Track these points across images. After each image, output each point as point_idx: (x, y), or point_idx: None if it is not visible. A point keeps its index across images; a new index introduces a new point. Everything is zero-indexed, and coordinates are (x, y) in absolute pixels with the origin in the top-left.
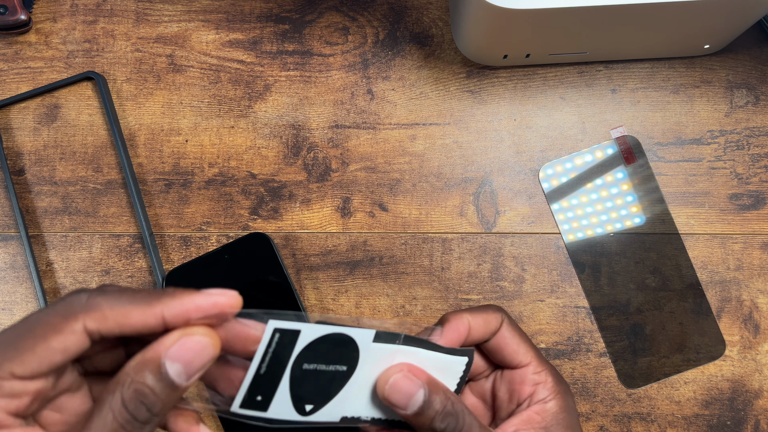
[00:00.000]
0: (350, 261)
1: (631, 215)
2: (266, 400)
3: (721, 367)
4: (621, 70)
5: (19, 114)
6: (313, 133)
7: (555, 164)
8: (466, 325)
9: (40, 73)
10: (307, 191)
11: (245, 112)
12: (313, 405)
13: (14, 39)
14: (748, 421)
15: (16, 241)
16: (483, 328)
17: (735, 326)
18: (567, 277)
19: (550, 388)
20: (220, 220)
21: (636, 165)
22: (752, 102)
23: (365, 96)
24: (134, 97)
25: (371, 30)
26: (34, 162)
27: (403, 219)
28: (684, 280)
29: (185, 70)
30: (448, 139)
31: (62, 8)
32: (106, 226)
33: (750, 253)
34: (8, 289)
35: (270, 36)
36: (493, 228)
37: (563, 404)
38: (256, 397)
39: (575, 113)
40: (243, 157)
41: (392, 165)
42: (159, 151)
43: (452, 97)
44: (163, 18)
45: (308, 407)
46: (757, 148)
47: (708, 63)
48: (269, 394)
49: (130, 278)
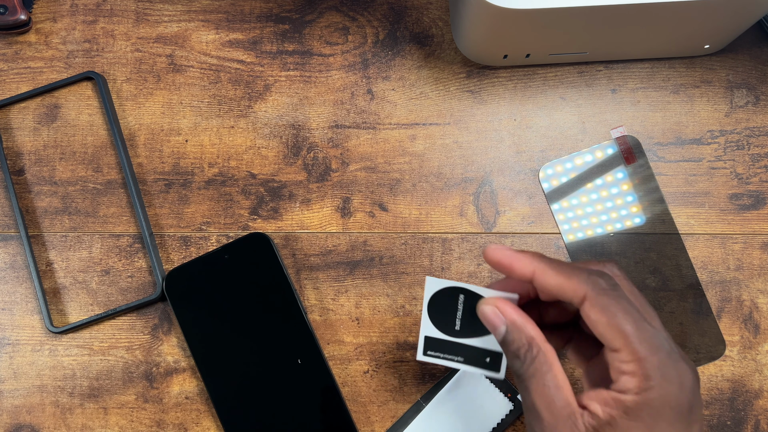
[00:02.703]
0: (350, 261)
1: (631, 215)
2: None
3: (721, 367)
4: (621, 70)
5: (19, 114)
6: (313, 133)
7: (555, 164)
8: (522, 290)
9: (40, 73)
10: (307, 191)
11: (245, 112)
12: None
13: (14, 39)
14: (748, 421)
15: (16, 241)
16: (554, 305)
17: (735, 326)
18: None
19: (637, 383)
20: (220, 220)
21: (636, 165)
22: (752, 102)
23: (365, 96)
24: (134, 97)
25: (371, 30)
26: (34, 162)
27: (403, 219)
28: (684, 280)
29: (185, 70)
30: (448, 139)
31: (62, 8)
32: (106, 226)
33: (750, 253)
34: (8, 289)
35: (270, 36)
36: (493, 228)
37: (651, 399)
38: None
39: (575, 113)
40: (243, 157)
41: (392, 165)
42: (159, 151)
43: (452, 97)
44: (163, 18)
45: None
46: (757, 148)
47: (708, 63)
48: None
49: (130, 278)
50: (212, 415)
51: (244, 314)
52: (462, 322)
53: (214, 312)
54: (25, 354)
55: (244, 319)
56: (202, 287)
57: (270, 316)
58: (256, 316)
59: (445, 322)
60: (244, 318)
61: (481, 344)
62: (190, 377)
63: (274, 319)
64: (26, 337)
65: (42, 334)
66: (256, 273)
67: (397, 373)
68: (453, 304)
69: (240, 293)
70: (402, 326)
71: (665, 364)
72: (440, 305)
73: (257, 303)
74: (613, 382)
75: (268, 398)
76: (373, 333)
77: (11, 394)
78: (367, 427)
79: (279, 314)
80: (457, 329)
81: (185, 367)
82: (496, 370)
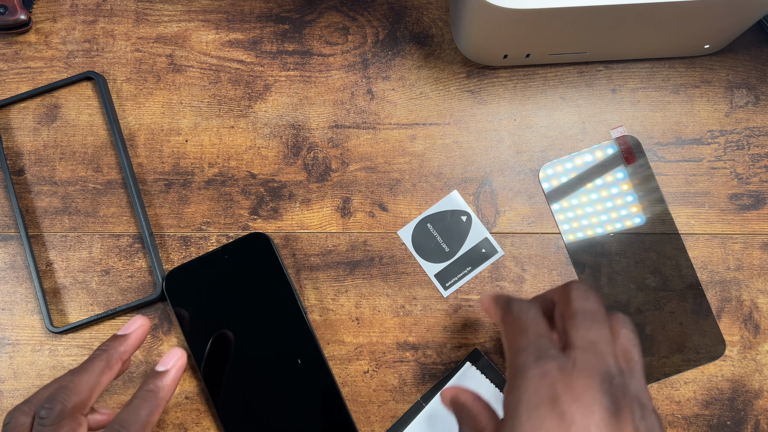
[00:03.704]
0: (350, 261)
1: (631, 215)
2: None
3: (721, 367)
4: (621, 70)
5: (19, 114)
6: (313, 133)
7: (555, 164)
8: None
9: (40, 73)
10: (307, 191)
11: (245, 112)
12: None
13: (14, 39)
14: (748, 421)
15: (16, 241)
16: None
17: (735, 326)
18: (567, 277)
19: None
20: (220, 220)
21: (636, 165)
22: (752, 102)
23: (365, 96)
24: (134, 97)
25: (371, 30)
26: (34, 162)
27: (403, 219)
28: (684, 280)
29: (185, 70)
30: (448, 139)
31: (62, 8)
32: (106, 226)
33: (750, 253)
34: (8, 289)
35: (270, 36)
36: (493, 228)
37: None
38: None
39: (575, 113)
40: (243, 157)
41: (392, 165)
42: (159, 151)
43: (452, 97)
44: (163, 18)
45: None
46: (757, 148)
47: (708, 63)
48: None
49: (130, 278)
50: (212, 415)
51: (244, 314)
52: (446, 243)
53: (214, 312)
54: (25, 354)
55: (244, 319)
56: (202, 287)
57: (270, 316)
58: (256, 316)
59: (435, 253)
60: (244, 318)
61: (470, 246)
62: (190, 377)
63: (274, 319)
64: (26, 337)
65: (42, 334)
66: (256, 273)
67: (397, 373)
68: (429, 234)
69: (240, 293)
70: (402, 326)
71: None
72: (422, 241)
73: (257, 303)
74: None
75: (268, 398)
76: (373, 333)
77: (11, 394)
78: (367, 427)
79: (279, 314)
80: (447, 251)
81: (185, 367)
82: (494, 252)
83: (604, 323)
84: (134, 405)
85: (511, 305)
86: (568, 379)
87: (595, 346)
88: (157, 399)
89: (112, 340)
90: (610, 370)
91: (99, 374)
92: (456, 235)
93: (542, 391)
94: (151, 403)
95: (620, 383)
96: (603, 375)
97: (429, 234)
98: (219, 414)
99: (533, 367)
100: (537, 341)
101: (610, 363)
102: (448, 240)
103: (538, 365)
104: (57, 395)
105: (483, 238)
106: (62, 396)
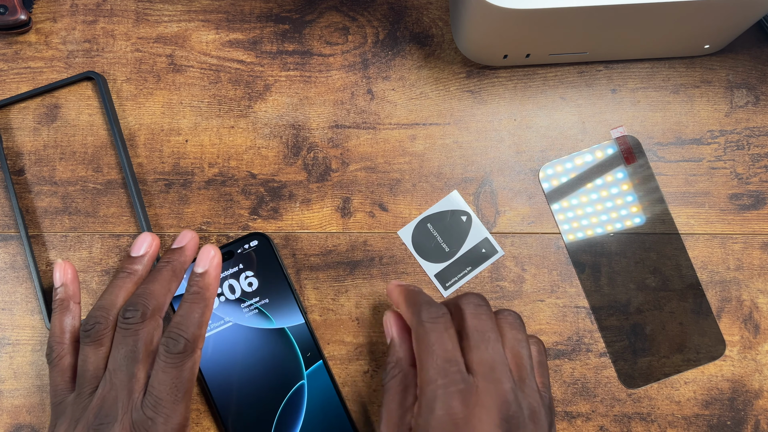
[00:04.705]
0: (350, 261)
1: (631, 215)
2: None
3: (721, 367)
4: (621, 70)
5: (19, 114)
6: (313, 133)
7: (555, 164)
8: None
9: (40, 73)
10: (307, 191)
11: (245, 112)
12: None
13: (14, 39)
14: (748, 421)
15: (16, 241)
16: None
17: (735, 326)
18: (567, 277)
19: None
20: (220, 220)
21: (636, 165)
22: (752, 102)
23: (365, 96)
24: (134, 97)
25: (371, 30)
26: (34, 162)
27: (403, 219)
28: (684, 280)
29: (185, 70)
30: (448, 139)
31: (62, 8)
32: (106, 226)
33: (750, 253)
34: (8, 289)
35: (270, 36)
36: (493, 228)
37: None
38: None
39: (575, 113)
40: (243, 157)
41: (392, 165)
42: (159, 151)
43: (452, 97)
44: (163, 18)
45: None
46: (757, 148)
47: (708, 63)
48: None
49: None
50: (212, 415)
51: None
52: (447, 243)
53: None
54: (25, 354)
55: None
56: None
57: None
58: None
59: (435, 253)
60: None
61: (470, 246)
62: None
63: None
64: (26, 337)
65: (42, 334)
66: (256, 273)
67: None
68: (429, 234)
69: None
70: None
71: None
72: (422, 241)
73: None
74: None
75: (268, 398)
76: (373, 333)
77: (11, 394)
78: (367, 427)
79: (279, 314)
80: (447, 251)
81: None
82: (494, 252)
83: (496, 339)
84: (185, 309)
85: (421, 313)
86: (470, 417)
87: (493, 372)
88: (205, 299)
89: (171, 252)
90: (507, 398)
91: (168, 282)
92: (456, 235)
93: (447, 429)
94: (200, 304)
95: (516, 411)
96: (500, 406)
97: (429, 234)
98: (219, 414)
99: (440, 403)
100: (444, 367)
101: (507, 388)
102: (448, 240)
103: (444, 401)
104: (137, 300)
105: (483, 238)
106: (143, 300)
